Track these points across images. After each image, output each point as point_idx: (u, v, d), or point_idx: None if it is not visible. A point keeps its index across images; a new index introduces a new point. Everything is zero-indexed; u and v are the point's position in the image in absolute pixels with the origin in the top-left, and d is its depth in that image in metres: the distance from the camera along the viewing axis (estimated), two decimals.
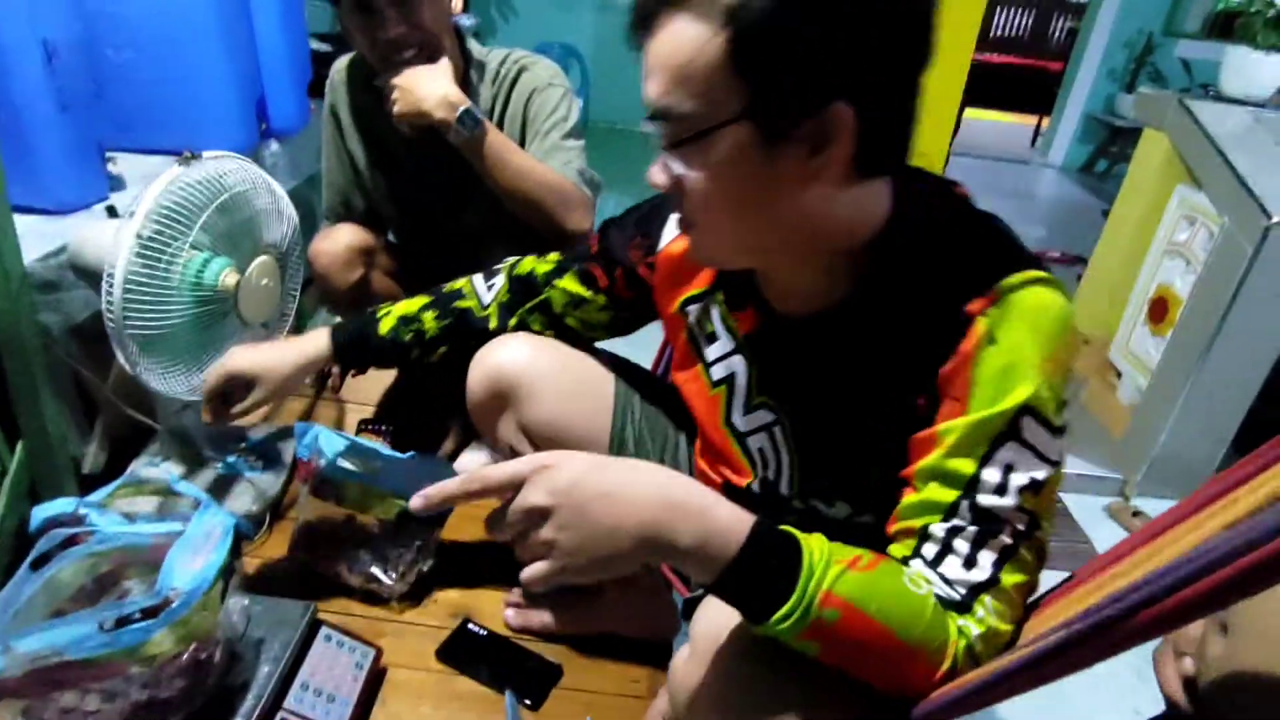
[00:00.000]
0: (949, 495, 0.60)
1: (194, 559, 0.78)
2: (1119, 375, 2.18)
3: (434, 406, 1.42)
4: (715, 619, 0.64)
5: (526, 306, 0.96)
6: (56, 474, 1.15)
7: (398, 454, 1.13)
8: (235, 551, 0.84)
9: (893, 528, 0.64)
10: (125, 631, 0.70)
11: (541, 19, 4.92)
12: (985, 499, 0.59)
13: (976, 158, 5.30)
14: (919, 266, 0.63)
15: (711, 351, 0.80)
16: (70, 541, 0.82)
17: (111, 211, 1.15)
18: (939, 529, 0.60)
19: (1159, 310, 2.02)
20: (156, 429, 1.21)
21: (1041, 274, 0.60)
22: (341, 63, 1.34)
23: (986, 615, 0.59)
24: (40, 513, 0.87)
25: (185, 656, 0.76)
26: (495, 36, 4.89)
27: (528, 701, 0.98)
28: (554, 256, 0.95)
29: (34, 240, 1.13)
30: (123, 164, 1.47)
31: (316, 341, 0.99)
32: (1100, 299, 2.34)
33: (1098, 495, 1.98)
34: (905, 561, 0.62)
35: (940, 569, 0.60)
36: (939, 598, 0.59)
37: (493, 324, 0.97)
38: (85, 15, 1.29)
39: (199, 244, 1.02)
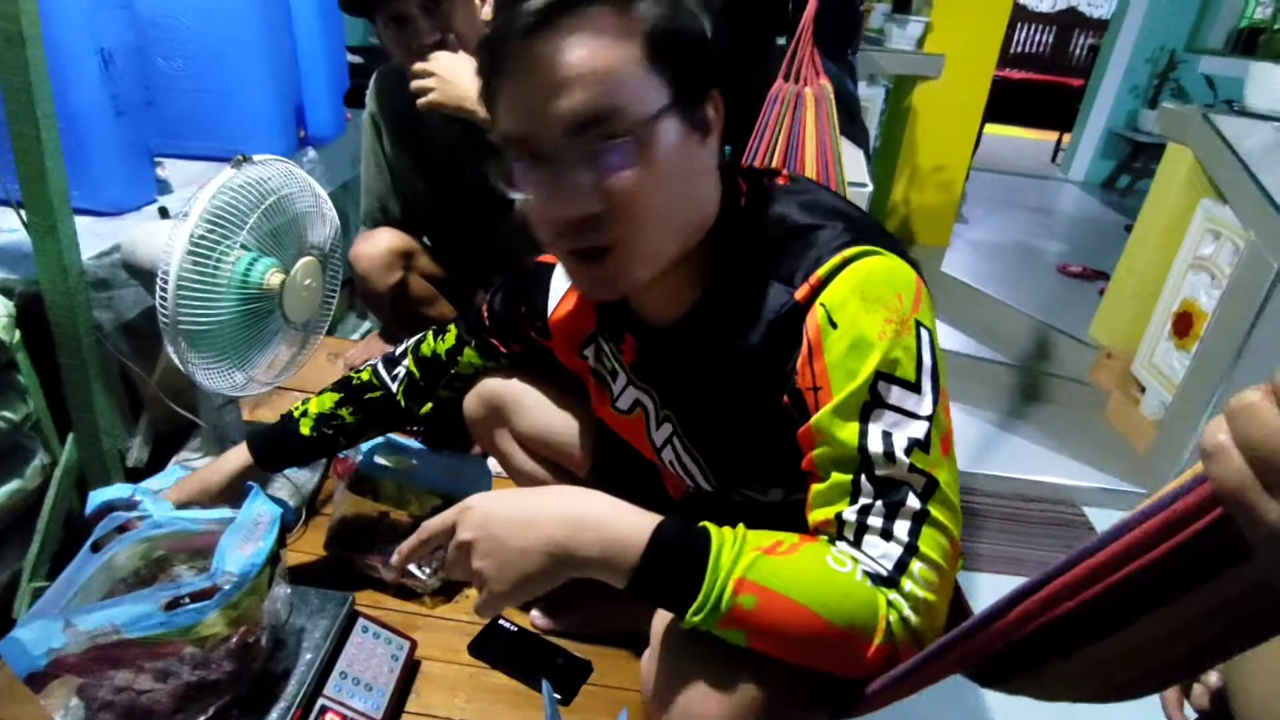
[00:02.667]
0: (845, 478, 0.61)
1: (244, 545, 0.81)
2: (1143, 390, 2.18)
3: (461, 408, 1.45)
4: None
5: (440, 384, 1.03)
6: (104, 465, 1.19)
7: (433, 451, 1.16)
8: (281, 540, 0.87)
9: (812, 521, 0.65)
10: (181, 612, 0.73)
11: None
12: (879, 470, 0.60)
13: (998, 173, 5.30)
14: (746, 258, 0.67)
15: (616, 385, 0.85)
16: (125, 527, 0.86)
17: (164, 213, 1.19)
18: (850, 513, 0.61)
19: (1183, 325, 2.01)
20: (199, 424, 1.24)
21: (861, 247, 0.62)
22: (381, 72, 1.38)
23: (915, 586, 0.59)
24: (97, 496, 0.91)
25: (234, 640, 0.79)
26: None
27: (558, 696, 1.00)
28: (451, 333, 1.00)
29: (88, 240, 1.17)
30: (169, 168, 1.52)
31: (237, 459, 1.00)
32: (1123, 314, 2.34)
33: (1122, 510, 1.97)
34: (834, 540, 0.63)
35: (864, 548, 0.61)
36: (867, 574, 0.59)
37: (403, 403, 1.01)
38: (138, 25, 1.34)
39: (246, 244, 1.06)
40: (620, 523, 0.60)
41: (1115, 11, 5.05)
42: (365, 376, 1.02)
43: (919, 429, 0.61)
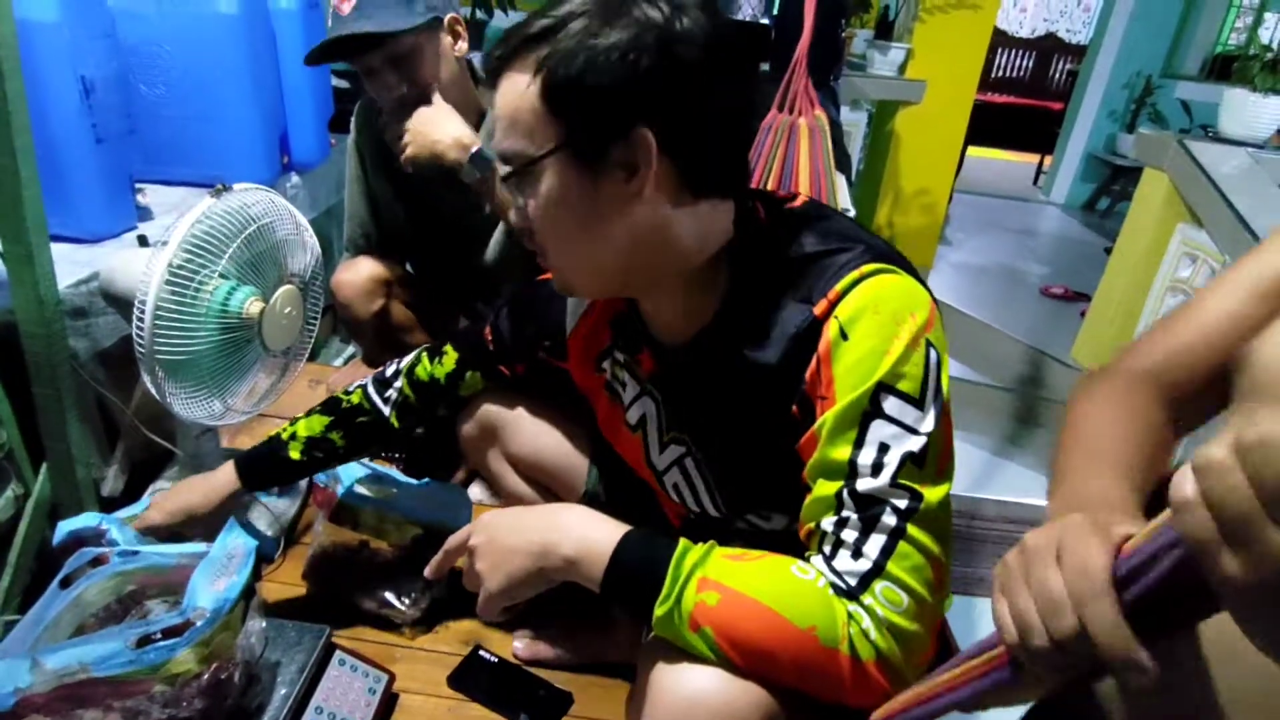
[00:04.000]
0: (832, 488, 0.62)
1: (217, 580, 0.80)
2: None
3: (445, 434, 1.44)
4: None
5: (438, 407, 1.03)
6: (78, 496, 1.17)
7: (413, 481, 1.15)
8: (256, 574, 0.86)
9: (801, 533, 0.67)
10: (150, 649, 0.72)
11: None
12: (864, 484, 0.61)
13: (980, 195, 5.36)
14: (765, 279, 0.68)
15: (626, 397, 0.85)
16: (97, 561, 0.84)
17: (143, 241, 1.19)
18: (828, 524, 0.63)
19: None
20: (176, 453, 1.23)
21: (876, 265, 0.64)
22: (364, 102, 1.39)
23: (876, 603, 0.59)
24: (65, 526, 0.90)
25: (206, 677, 0.77)
26: None
27: None
28: (450, 357, 0.99)
29: (66, 267, 1.16)
30: (150, 195, 1.51)
31: (225, 479, 1.00)
32: (1104, 335, 2.37)
33: None
34: (809, 555, 0.64)
35: (834, 563, 0.62)
36: (831, 585, 0.61)
37: (396, 426, 1.01)
38: (120, 53, 1.34)
39: (226, 272, 1.05)
40: (595, 528, 0.67)
41: (1093, 37, 5.15)
42: (355, 399, 1.01)
43: (916, 444, 0.61)
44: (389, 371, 1.02)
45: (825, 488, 0.63)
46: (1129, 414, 0.59)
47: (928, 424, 0.62)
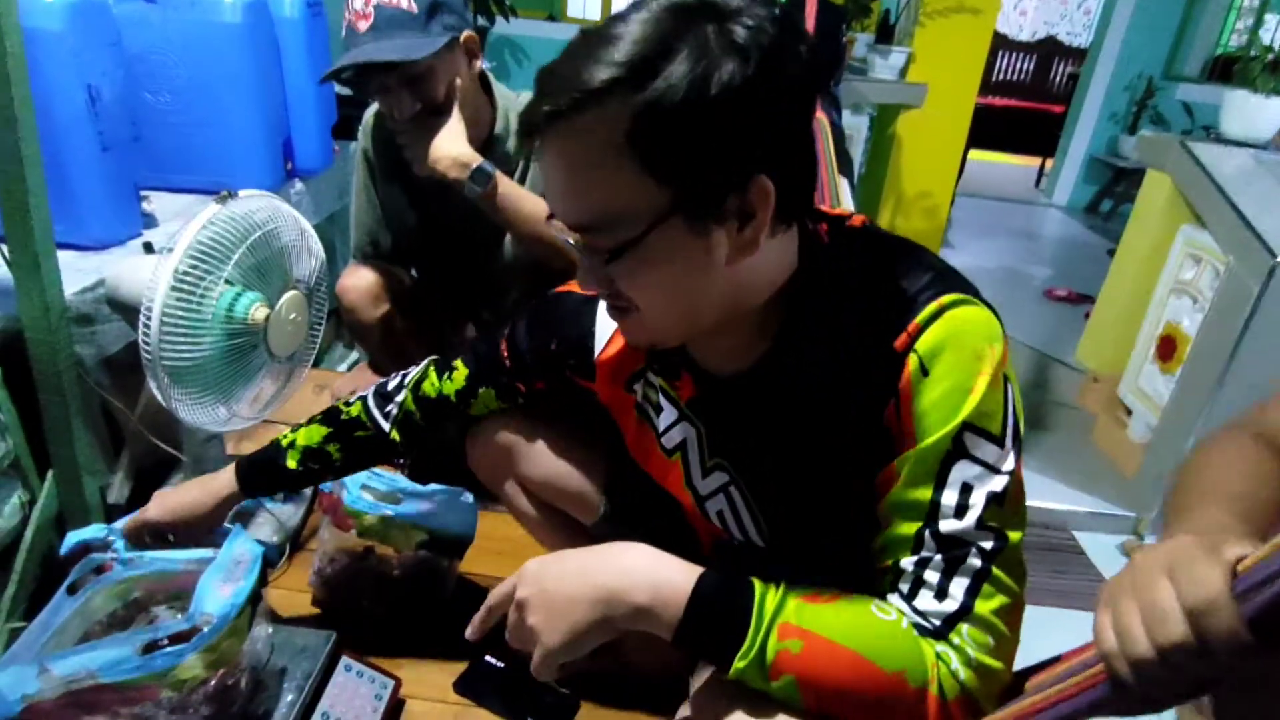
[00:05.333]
0: (912, 528, 0.61)
1: (224, 585, 0.80)
2: (1129, 413, 2.19)
3: (449, 439, 1.44)
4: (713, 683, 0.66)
5: (441, 423, 0.97)
6: (84, 503, 1.17)
7: (418, 486, 1.15)
8: (262, 580, 0.86)
9: (876, 566, 0.65)
10: (158, 655, 0.72)
11: None
12: (947, 525, 0.60)
13: (982, 198, 5.37)
14: (835, 309, 0.64)
15: (661, 422, 0.80)
16: (102, 568, 0.84)
17: (149, 248, 1.19)
18: (908, 563, 0.61)
19: (1167, 348, 2.03)
20: (181, 459, 1.23)
21: (955, 295, 0.61)
22: (374, 109, 1.39)
23: (964, 643, 0.59)
24: (72, 537, 0.90)
25: (213, 683, 0.77)
26: (509, 80, 4.99)
27: None
28: (461, 373, 0.93)
29: (72, 275, 1.17)
30: (156, 202, 1.52)
31: (225, 481, 0.97)
32: (1108, 337, 2.36)
33: (1111, 533, 1.97)
34: (887, 593, 0.63)
35: (915, 603, 0.60)
36: (915, 625, 0.60)
37: (397, 439, 0.95)
38: (126, 61, 1.35)
39: (231, 279, 1.05)
40: (666, 572, 0.62)
41: (1093, 40, 5.16)
42: (354, 411, 0.96)
43: (999, 483, 0.60)
44: (391, 385, 0.97)
45: (905, 527, 0.61)
46: (1251, 462, 0.60)
47: (1009, 463, 0.60)
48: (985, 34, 3.41)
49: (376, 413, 0.95)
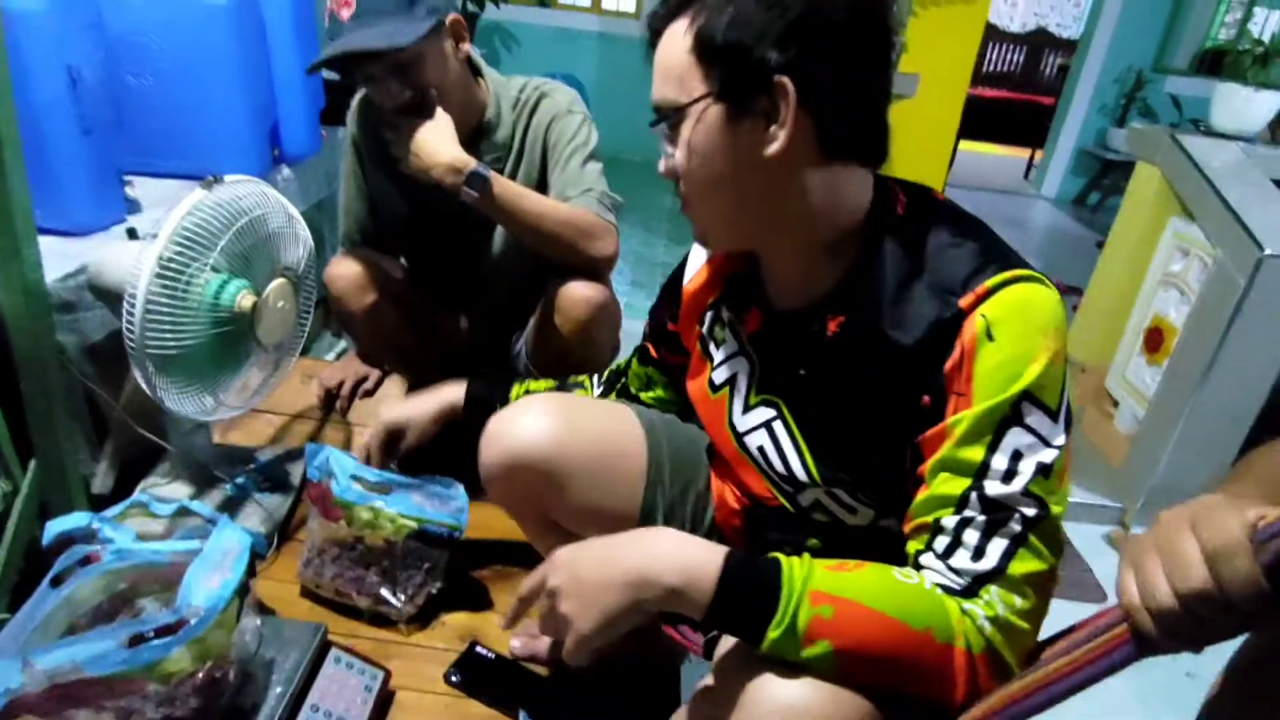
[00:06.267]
0: (959, 486, 0.63)
1: (211, 577, 0.79)
2: (1116, 404, 2.21)
3: (438, 430, 1.43)
4: (732, 643, 0.67)
5: (615, 391, 1.07)
6: (67, 493, 1.16)
7: (409, 478, 1.14)
8: (250, 571, 0.85)
9: (908, 526, 0.67)
10: (144, 648, 0.71)
11: (544, 51, 5.01)
12: (994, 488, 0.62)
13: (972, 189, 5.38)
14: (907, 261, 0.68)
15: (718, 355, 0.85)
16: (87, 560, 0.83)
17: (132, 234, 1.17)
18: (950, 521, 0.63)
19: (1155, 340, 2.04)
20: (167, 449, 1.21)
21: (1028, 271, 0.64)
22: (362, 94, 1.37)
23: (994, 601, 0.61)
24: (54, 526, 0.88)
25: (200, 675, 0.76)
26: (499, 67, 4.94)
27: None
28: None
29: (54, 261, 1.14)
30: (139, 187, 1.49)
31: (455, 394, 1.07)
32: (1096, 329, 2.37)
33: (1097, 524, 1.99)
34: (918, 556, 0.65)
35: (950, 561, 0.63)
36: (940, 586, 0.62)
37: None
38: (108, 43, 1.32)
39: (218, 266, 1.04)
40: (694, 553, 0.64)
41: (1084, 32, 5.17)
42: (581, 379, 1.10)
43: (1048, 456, 0.62)
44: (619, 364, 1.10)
45: (950, 485, 0.63)
46: None
47: (1060, 438, 0.62)
48: (977, 25, 3.40)
49: (598, 385, 1.09)
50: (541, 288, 1.33)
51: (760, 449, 0.80)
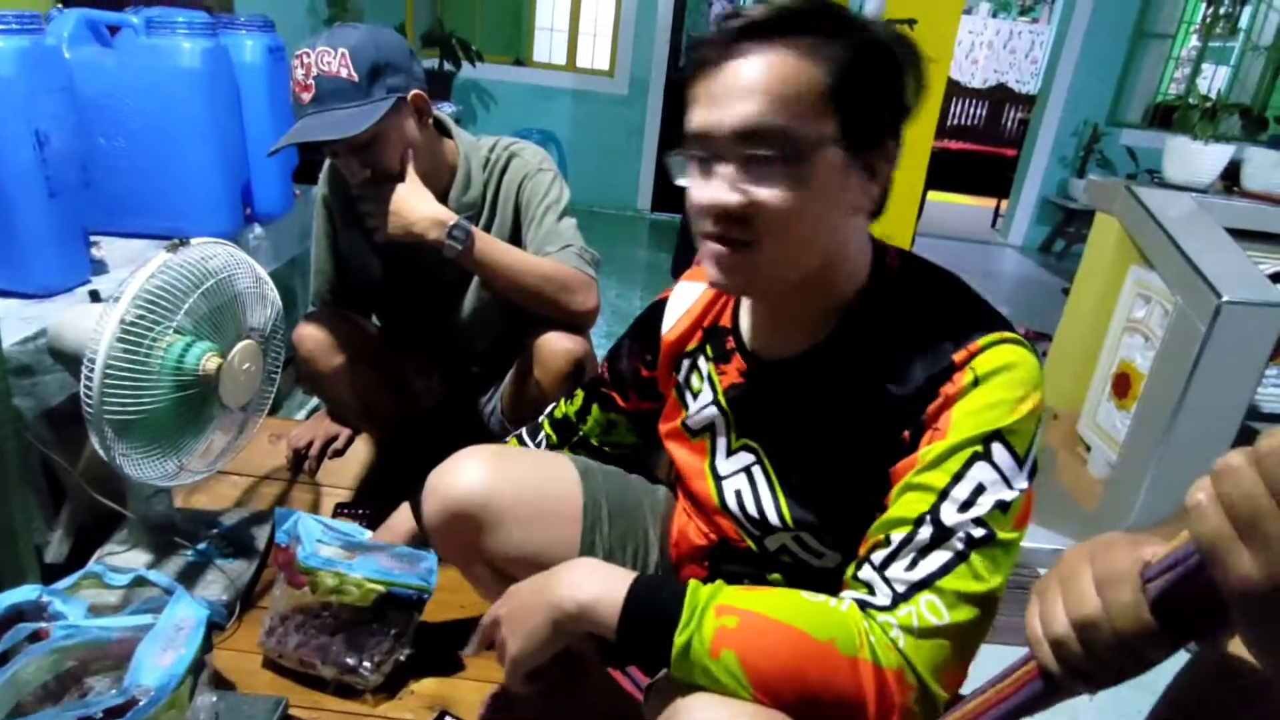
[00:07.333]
0: (916, 509, 0.64)
1: (163, 654, 0.76)
2: (1088, 449, 2.22)
3: (410, 490, 1.40)
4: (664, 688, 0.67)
5: (571, 442, 1.07)
6: (19, 563, 1.11)
7: (376, 541, 1.11)
8: (206, 645, 0.82)
9: (862, 548, 0.68)
10: None
11: (520, 106, 5.10)
12: (949, 514, 0.63)
13: (941, 238, 5.49)
14: (903, 314, 0.71)
15: (695, 403, 0.86)
16: (36, 636, 0.80)
17: (94, 296, 1.15)
18: (897, 536, 0.64)
19: (1122, 385, 2.08)
20: (126, 515, 1.18)
21: (1014, 334, 0.68)
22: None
23: (916, 613, 0.61)
24: (2, 600, 0.85)
25: None
26: (475, 123, 5.05)
27: None
28: (579, 397, 1.06)
29: (13, 324, 1.12)
30: (106, 248, 1.48)
31: (402, 519, 1.09)
32: (1066, 374, 2.41)
33: None
34: (857, 568, 0.67)
35: (886, 571, 0.64)
36: (859, 602, 0.64)
37: None
38: (78, 105, 1.32)
39: (182, 328, 1.02)
40: (606, 574, 0.69)
41: (1041, 88, 5.37)
42: (513, 443, 1.09)
43: (1008, 495, 0.64)
44: (541, 416, 1.10)
45: (908, 507, 0.65)
46: None
47: (1022, 482, 0.64)
48: (941, 79, 3.52)
49: (529, 440, 1.08)
50: (515, 343, 1.33)
51: (738, 492, 0.81)
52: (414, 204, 1.18)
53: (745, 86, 0.63)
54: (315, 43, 1.14)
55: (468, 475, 0.91)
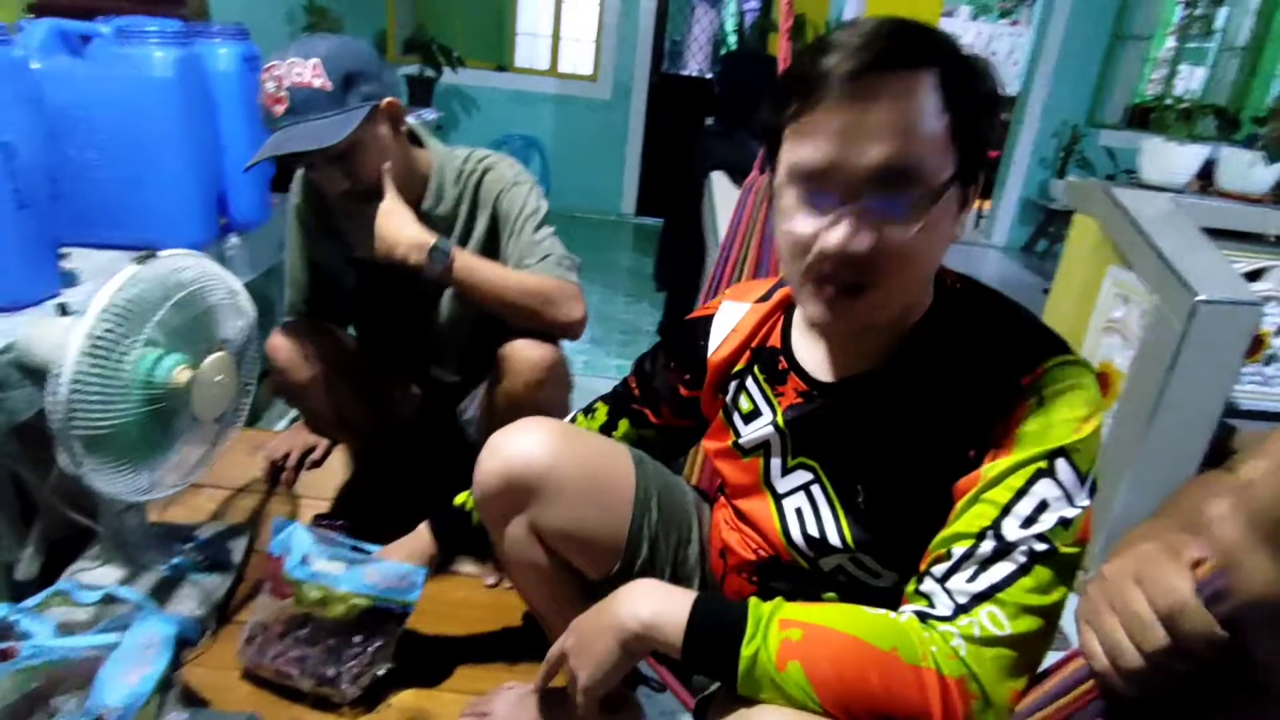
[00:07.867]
0: (979, 524, 0.64)
1: (129, 673, 0.75)
2: None
3: (389, 500, 1.39)
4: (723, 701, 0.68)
5: None
6: None
7: (363, 556, 1.10)
8: (175, 663, 0.81)
9: (924, 563, 0.68)
10: None
11: (502, 112, 5.09)
12: (1011, 530, 0.63)
13: None
14: (969, 337, 0.71)
15: (746, 425, 0.85)
16: (2, 655, 0.78)
17: (63, 309, 1.13)
18: (959, 550, 0.64)
19: (1102, 385, 2.09)
20: (98, 530, 1.16)
21: (1075, 357, 0.69)
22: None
23: (978, 623, 0.61)
24: None
25: None
26: (458, 129, 5.03)
27: None
28: (601, 412, 1.03)
29: None
30: (77, 259, 1.46)
31: (426, 543, 1.07)
32: None
33: None
34: (918, 582, 0.67)
35: (947, 583, 0.64)
36: (920, 614, 0.64)
37: None
38: (47, 116, 1.30)
39: (152, 341, 1.01)
40: (667, 594, 0.69)
41: (1021, 90, 5.41)
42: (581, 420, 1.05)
43: (1071, 512, 0.63)
44: None
45: (971, 522, 0.64)
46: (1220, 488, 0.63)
47: (1083, 499, 0.64)
48: None
49: None
50: (493, 351, 1.32)
51: (798, 510, 0.80)
52: (396, 225, 1.17)
53: (883, 124, 0.61)
54: (284, 54, 1.13)
55: (535, 443, 0.90)
